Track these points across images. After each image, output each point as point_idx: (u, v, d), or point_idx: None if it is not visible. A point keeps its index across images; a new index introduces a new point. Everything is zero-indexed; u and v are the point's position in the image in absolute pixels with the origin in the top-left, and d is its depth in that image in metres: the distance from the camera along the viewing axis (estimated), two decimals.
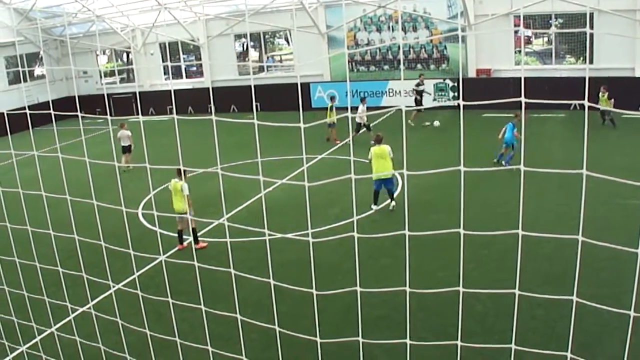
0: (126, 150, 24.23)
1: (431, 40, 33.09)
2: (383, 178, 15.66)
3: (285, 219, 14.87)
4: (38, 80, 41.13)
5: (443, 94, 32.27)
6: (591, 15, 28.08)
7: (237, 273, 5.52)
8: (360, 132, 25.25)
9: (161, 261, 11.84)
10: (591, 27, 28.69)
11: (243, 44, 40.14)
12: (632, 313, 4.25)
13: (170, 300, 6.01)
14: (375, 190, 16.11)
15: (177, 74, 41.48)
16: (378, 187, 16.06)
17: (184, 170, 13.76)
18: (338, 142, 25.49)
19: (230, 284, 5.83)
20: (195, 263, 5.65)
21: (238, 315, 5.57)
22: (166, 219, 14.03)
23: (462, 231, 4.51)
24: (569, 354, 4.59)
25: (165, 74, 41.19)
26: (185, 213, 13.54)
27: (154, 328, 6.76)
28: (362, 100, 25.65)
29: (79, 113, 5.97)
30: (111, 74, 44.90)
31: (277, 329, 5.33)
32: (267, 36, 39.45)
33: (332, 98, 27.84)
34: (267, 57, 40.00)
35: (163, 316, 8.07)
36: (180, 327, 6.85)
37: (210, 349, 5.92)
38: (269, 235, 5.37)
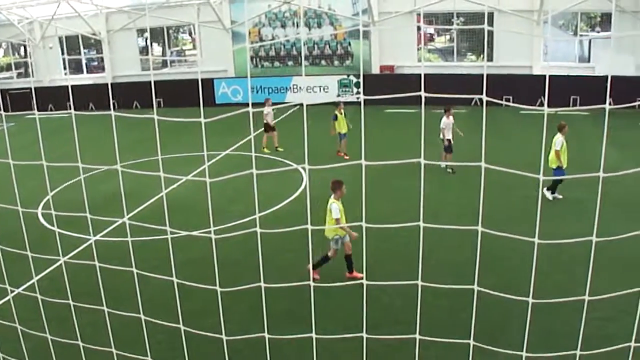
0: (269, 129, 23.19)
1: (335, 37, 33.47)
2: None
3: (189, 217, 14.67)
4: None
5: (347, 89, 32.68)
6: (491, 14, 29.20)
7: (140, 272, 5.42)
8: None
9: (62, 263, 11.48)
10: (491, 25, 29.79)
11: (146, 39, 39.36)
12: (530, 300, 4.45)
13: (72, 303, 5.84)
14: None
15: (77, 68, 40.23)
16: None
17: (338, 183, 11.50)
18: (347, 157, 21.40)
19: (133, 284, 5.72)
20: (97, 263, 5.51)
21: (142, 316, 5.46)
22: (66, 218, 13.57)
23: (364, 224, 4.59)
24: (471, 342, 4.75)
25: (65, 68, 39.89)
26: (335, 239, 11.58)
27: (56, 332, 6.54)
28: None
29: None
30: (7, 68, 43.09)
31: (183, 328, 5.26)
32: (170, 31, 38.82)
33: (339, 105, 22.05)
34: (171, 52, 39.40)
35: (65, 320, 7.83)
36: (83, 331, 6.65)
37: (115, 352, 5.79)
38: (172, 233, 5.29)
